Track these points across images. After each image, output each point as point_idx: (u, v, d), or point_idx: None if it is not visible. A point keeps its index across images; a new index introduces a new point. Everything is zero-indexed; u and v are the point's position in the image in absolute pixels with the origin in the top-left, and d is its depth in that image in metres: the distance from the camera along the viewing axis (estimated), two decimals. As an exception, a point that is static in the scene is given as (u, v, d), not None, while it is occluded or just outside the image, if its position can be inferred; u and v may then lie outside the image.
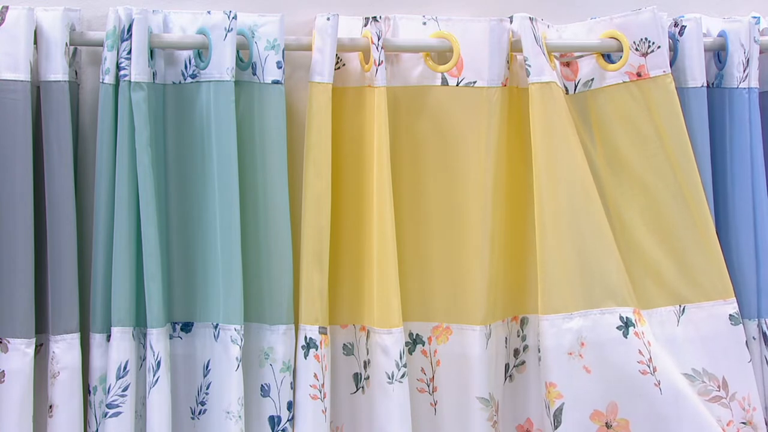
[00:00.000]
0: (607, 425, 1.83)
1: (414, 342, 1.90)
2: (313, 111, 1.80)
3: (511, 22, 1.87)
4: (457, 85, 1.87)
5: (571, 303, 1.82)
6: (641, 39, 1.87)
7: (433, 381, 1.89)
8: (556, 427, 1.81)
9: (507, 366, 1.93)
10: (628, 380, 1.82)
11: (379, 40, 1.82)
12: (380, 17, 1.85)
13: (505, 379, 1.92)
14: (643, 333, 1.84)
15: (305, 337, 1.79)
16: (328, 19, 1.80)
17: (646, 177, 1.89)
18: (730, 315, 1.87)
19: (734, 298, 1.87)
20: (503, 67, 1.86)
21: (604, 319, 1.83)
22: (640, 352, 1.83)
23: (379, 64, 1.81)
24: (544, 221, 1.83)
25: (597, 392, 1.82)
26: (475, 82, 1.87)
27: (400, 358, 1.80)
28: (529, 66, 1.84)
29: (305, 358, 1.79)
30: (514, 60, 1.90)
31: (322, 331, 1.80)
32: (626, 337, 1.83)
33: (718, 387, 1.86)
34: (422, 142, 1.89)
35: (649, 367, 1.82)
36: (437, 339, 1.89)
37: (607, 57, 1.91)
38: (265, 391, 1.81)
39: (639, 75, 1.89)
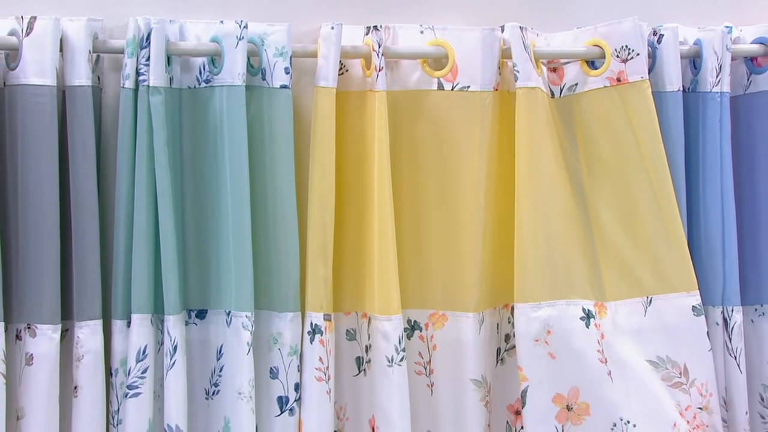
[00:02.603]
0: (568, 408, 1.91)
1: (412, 328, 1.95)
2: (319, 114, 1.86)
3: (502, 31, 1.93)
4: (453, 90, 1.93)
5: (540, 293, 1.89)
6: (622, 46, 1.94)
7: (430, 364, 1.95)
8: (522, 407, 1.90)
9: (498, 350, 1.99)
10: (588, 367, 1.90)
11: (379, 47, 1.87)
12: (381, 26, 1.90)
13: (497, 363, 1.99)
14: (600, 325, 1.93)
15: (311, 324, 1.86)
16: (333, 28, 1.86)
17: (621, 177, 1.95)
18: (693, 306, 1.94)
19: (698, 290, 1.94)
20: (495, 73, 1.92)
21: (570, 310, 1.91)
22: (598, 342, 1.91)
23: (379, 70, 1.86)
24: (522, 217, 1.90)
25: (560, 377, 1.90)
26: (469, 87, 1.92)
27: (399, 342, 1.86)
28: (518, 72, 1.90)
29: (311, 343, 1.85)
30: (505, 66, 1.95)
31: (327, 317, 1.86)
32: (588, 328, 1.91)
33: (680, 373, 1.94)
34: (420, 142, 1.94)
35: (602, 356, 1.91)
36: (434, 325, 1.95)
37: (591, 63, 1.98)
38: (273, 373, 1.86)
39: (619, 80, 1.95)
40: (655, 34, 1.98)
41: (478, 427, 1.93)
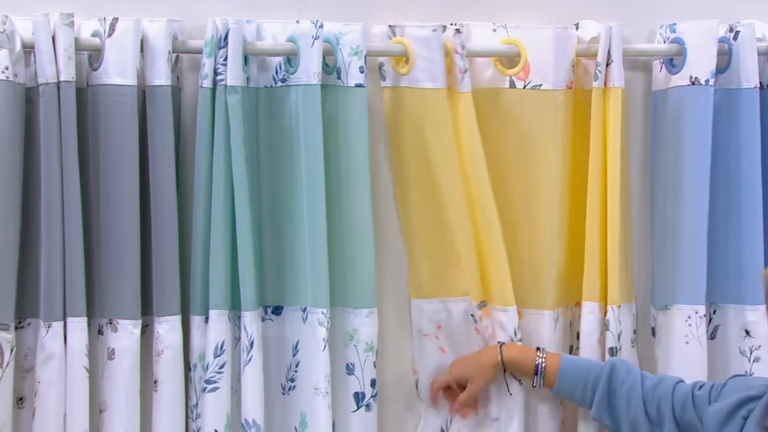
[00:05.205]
0: None
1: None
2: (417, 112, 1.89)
3: (576, 29, 1.94)
4: (524, 88, 1.94)
5: (612, 295, 1.92)
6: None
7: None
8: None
9: (570, 348, 2.00)
10: None
11: (462, 49, 1.87)
12: (458, 26, 1.89)
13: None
14: None
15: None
16: (434, 30, 1.86)
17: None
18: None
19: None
20: (568, 71, 1.93)
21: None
22: None
23: (464, 72, 1.87)
24: (615, 219, 1.91)
25: None
26: (541, 85, 1.93)
27: (516, 334, 1.90)
28: (600, 72, 1.90)
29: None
30: (579, 64, 1.95)
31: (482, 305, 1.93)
32: None
33: None
34: (494, 140, 1.94)
35: None
36: (513, 322, 1.97)
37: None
38: (349, 369, 1.89)
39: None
40: (731, 30, 1.97)
41: (553, 421, 1.95)
